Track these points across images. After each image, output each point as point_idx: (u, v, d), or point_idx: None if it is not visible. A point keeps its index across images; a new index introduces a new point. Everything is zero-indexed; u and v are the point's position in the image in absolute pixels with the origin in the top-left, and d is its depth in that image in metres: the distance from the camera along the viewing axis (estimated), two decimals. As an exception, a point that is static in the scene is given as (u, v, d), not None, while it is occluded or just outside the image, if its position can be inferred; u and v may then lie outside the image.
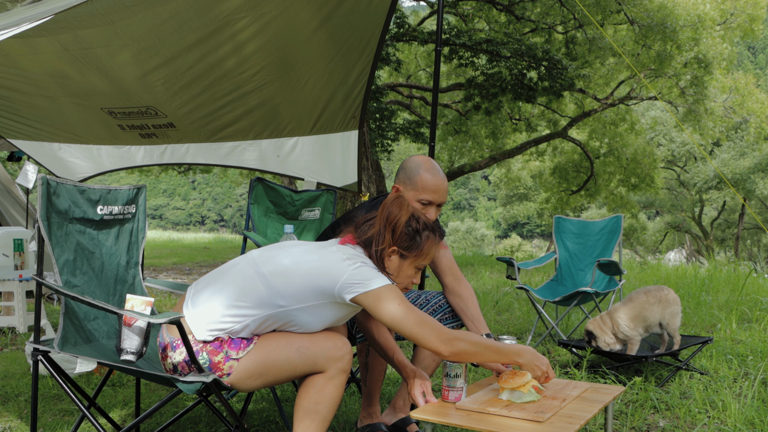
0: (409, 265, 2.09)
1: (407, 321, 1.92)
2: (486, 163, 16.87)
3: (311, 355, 1.97)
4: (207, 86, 3.87)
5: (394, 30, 11.46)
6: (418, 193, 2.40)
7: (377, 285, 1.93)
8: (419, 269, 2.11)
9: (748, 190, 21.85)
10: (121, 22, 3.22)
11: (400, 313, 1.91)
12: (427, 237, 2.08)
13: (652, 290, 3.60)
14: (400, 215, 2.05)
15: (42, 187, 2.26)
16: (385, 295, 1.93)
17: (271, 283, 1.98)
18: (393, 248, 2.05)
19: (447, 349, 1.93)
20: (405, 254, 2.06)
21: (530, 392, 1.98)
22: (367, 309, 1.95)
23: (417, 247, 2.06)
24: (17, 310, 4.68)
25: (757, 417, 2.79)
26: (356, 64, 3.76)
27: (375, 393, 2.47)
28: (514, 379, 1.99)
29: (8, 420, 2.88)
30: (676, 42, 12.74)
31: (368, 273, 1.95)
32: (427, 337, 1.92)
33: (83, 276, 2.41)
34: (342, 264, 1.96)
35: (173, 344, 2.02)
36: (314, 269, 1.98)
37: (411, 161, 2.47)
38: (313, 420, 1.98)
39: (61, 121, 4.59)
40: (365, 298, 1.93)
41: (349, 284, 1.93)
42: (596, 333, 3.53)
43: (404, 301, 1.94)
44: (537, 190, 26.39)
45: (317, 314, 2.00)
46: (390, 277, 2.06)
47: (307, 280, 1.97)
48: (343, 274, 1.94)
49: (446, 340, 1.93)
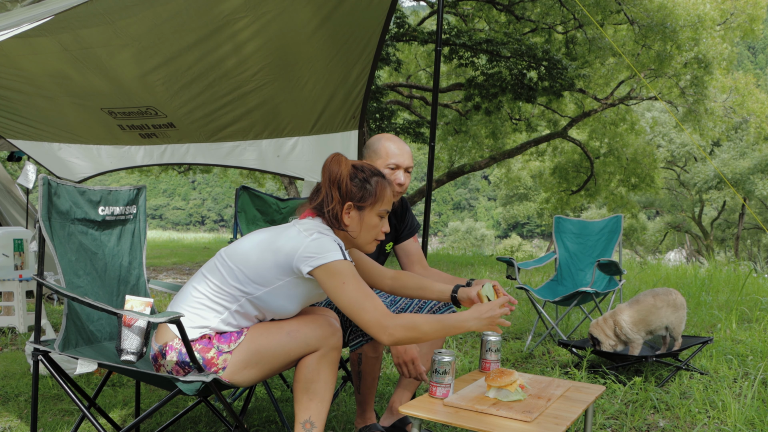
0: (370, 214, 2.07)
1: (354, 301, 1.90)
2: (486, 163, 16.87)
3: (302, 337, 1.99)
4: (207, 86, 3.88)
5: (394, 30, 11.46)
6: (385, 160, 2.53)
7: (331, 259, 1.91)
8: (382, 217, 2.10)
9: (748, 190, 21.85)
10: (121, 21, 3.22)
11: (348, 292, 1.90)
12: (377, 182, 2.08)
13: (660, 293, 3.56)
14: (340, 171, 2.03)
15: (43, 187, 2.26)
16: (339, 271, 1.91)
17: (234, 271, 2.00)
18: (348, 204, 2.04)
19: (387, 339, 1.90)
20: (361, 205, 2.05)
21: (517, 391, 1.99)
22: (320, 284, 1.94)
23: (370, 194, 2.06)
24: (17, 310, 4.68)
25: (757, 417, 2.79)
26: (356, 64, 3.76)
27: (369, 400, 2.49)
28: (501, 377, 2.00)
29: (8, 420, 2.88)
30: (676, 42, 12.74)
31: (325, 245, 1.93)
32: (367, 321, 1.90)
33: (87, 277, 2.41)
34: (298, 237, 1.96)
35: (162, 351, 2.03)
36: (271, 246, 1.99)
37: (373, 138, 2.62)
38: (311, 399, 2.00)
39: (61, 121, 4.59)
40: (320, 272, 1.91)
41: (305, 256, 1.92)
42: (600, 338, 3.52)
43: (356, 280, 1.91)
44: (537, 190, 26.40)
45: (286, 295, 2.01)
46: (355, 238, 2.07)
47: (266, 258, 1.98)
48: (300, 246, 1.93)
49: (385, 327, 1.89)
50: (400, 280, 2.34)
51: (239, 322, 2.03)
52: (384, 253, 2.76)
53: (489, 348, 2.37)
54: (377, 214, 2.08)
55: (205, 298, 2.02)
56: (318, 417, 2.01)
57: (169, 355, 2.01)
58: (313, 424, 2.00)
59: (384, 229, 2.12)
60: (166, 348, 2.02)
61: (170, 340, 2.02)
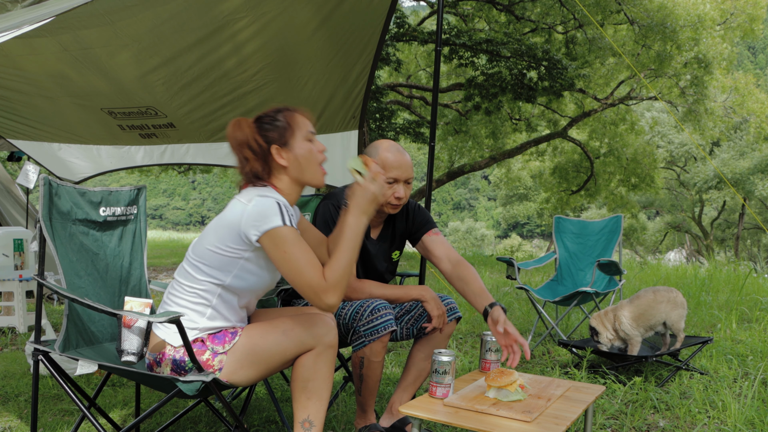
0: (298, 144, 2.04)
1: (293, 267, 1.88)
2: (486, 163, 16.87)
3: (297, 336, 1.98)
4: (207, 86, 3.88)
5: (394, 30, 11.46)
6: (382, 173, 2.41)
7: (273, 225, 1.89)
8: (311, 139, 2.07)
9: (748, 190, 21.85)
10: (121, 22, 3.22)
11: (289, 259, 1.88)
12: (284, 115, 2.05)
13: (660, 290, 3.59)
14: (244, 132, 2.03)
15: (44, 187, 2.27)
16: (281, 238, 1.89)
17: (199, 266, 2.01)
18: (274, 148, 2.02)
19: (324, 306, 1.89)
20: (284, 141, 2.03)
21: (517, 391, 1.99)
22: (265, 251, 1.93)
23: (285, 128, 2.03)
24: (17, 310, 4.68)
25: (757, 417, 2.79)
26: (356, 64, 3.76)
27: (369, 403, 2.48)
28: (501, 377, 2.00)
29: (8, 420, 2.88)
30: (676, 42, 12.74)
31: (265, 209, 1.90)
32: (304, 287, 1.88)
33: (88, 277, 2.41)
34: (239, 206, 1.95)
35: (157, 359, 2.03)
36: (219, 226, 1.99)
37: (371, 146, 2.49)
38: (309, 398, 2.00)
39: (61, 121, 4.59)
40: (264, 239, 1.90)
41: (250, 223, 1.91)
42: (598, 329, 3.54)
43: (298, 247, 1.89)
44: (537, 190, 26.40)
45: (255, 269, 2.01)
46: (300, 175, 2.04)
47: (219, 240, 1.98)
48: (243, 214, 1.92)
49: (318, 294, 1.87)
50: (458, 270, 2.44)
51: (226, 314, 2.04)
52: (392, 262, 2.71)
53: (489, 348, 2.37)
54: (304, 138, 2.06)
55: (184, 302, 2.03)
56: (317, 415, 2.01)
57: (164, 362, 2.01)
58: (311, 422, 2.00)
59: (319, 149, 2.09)
60: (161, 356, 2.02)
61: (164, 347, 2.03)
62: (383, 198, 2.41)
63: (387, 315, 2.32)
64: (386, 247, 2.65)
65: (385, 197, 2.43)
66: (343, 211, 2.01)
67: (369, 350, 2.33)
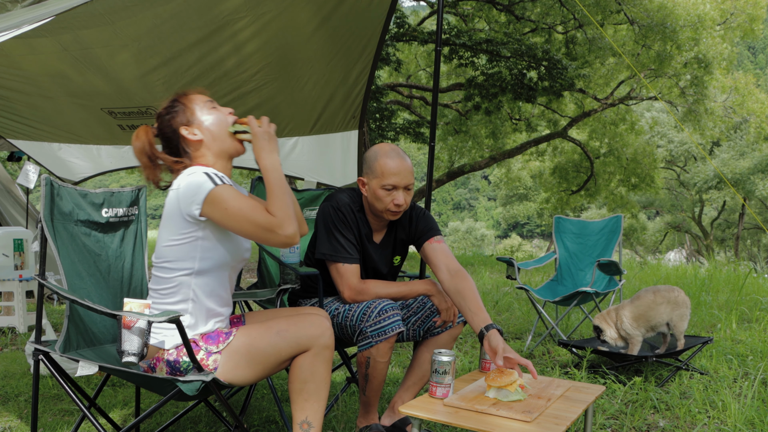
0: (202, 114, 2.09)
1: (242, 218, 1.92)
2: (486, 163, 16.88)
3: (292, 336, 1.99)
4: (207, 86, 3.87)
5: (394, 30, 11.46)
6: (381, 180, 2.38)
7: (206, 191, 1.92)
8: (210, 106, 2.11)
9: (748, 190, 21.85)
10: (121, 22, 3.22)
11: (234, 213, 1.92)
12: (178, 100, 2.11)
13: (661, 290, 3.58)
14: (139, 140, 2.09)
15: (45, 188, 2.26)
16: (217, 198, 1.92)
17: (164, 268, 2.04)
18: (182, 128, 2.07)
19: (282, 238, 1.93)
20: (189, 119, 2.08)
21: (517, 391, 1.99)
22: (212, 219, 1.96)
23: (183, 108, 2.09)
24: (17, 310, 4.68)
25: (757, 417, 2.78)
26: (356, 64, 3.76)
27: (373, 403, 2.48)
28: (501, 377, 2.00)
29: (8, 420, 2.88)
30: (676, 42, 12.74)
31: (194, 182, 1.94)
32: (260, 231, 1.93)
33: (90, 278, 2.41)
34: (173, 193, 2.00)
35: (152, 365, 2.04)
36: (165, 219, 2.03)
37: (370, 151, 2.46)
38: (306, 399, 2.00)
39: (61, 121, 4.59)
40: (206, 208, 1.93)
41: (187, 201, 1.94)
42: (602, 327, 3.55)
43: (237, 200, 1.93)
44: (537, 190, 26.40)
45: (217, 244, 2.02)
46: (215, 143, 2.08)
47: (169, 231, 2.01)
48: (178, 198, 1.97)
49: (273, 229, 1.91)
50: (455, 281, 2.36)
51: (208, 303, 2.05)
52: (393, 267, 2.70)
53: (489, 348, 2.36)
54: (207, 110, 2.10)
55: (166, 305, 2.04)
56: (315, 417, 2.01)
57: (158, 366, 2.02)
58: (310, 424, 2.00)
59: (223, 112, 2.13)
60: (155, 362, 2.03)
61: (156, 353, 2.03)
62: (381, 205, 2.39)
63: (395, 316, 2.31)
64: (389, 252, 2.64)
65: (384, 204, 2.41)
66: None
67: (376, 351, 2.32)
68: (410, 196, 2.45)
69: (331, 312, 2.48)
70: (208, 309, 2.05)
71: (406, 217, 2.62)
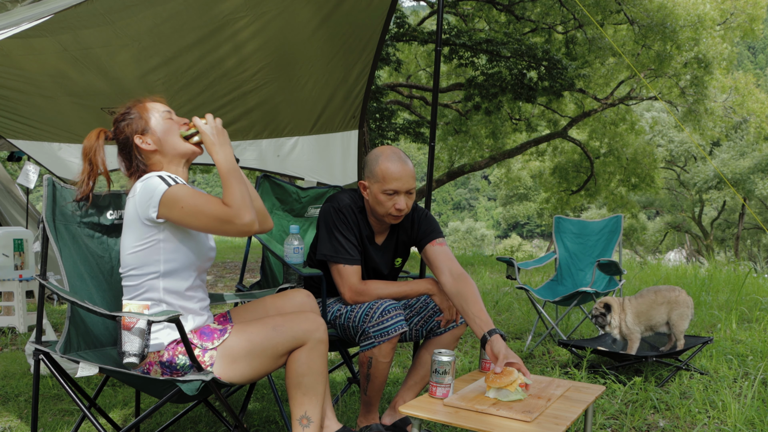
0: (156, 123, 2.11)
1: (200, 213, 1.93)
2: (486, 163, 16.88)
3: (288, 330, 2.00)
4: (207, 86, 3.87)
5: (394, 30, 11.46)
6: (382, 185, 2.37)
7: (160, 193, 1.94)
8: (166, 117, 2.13)
9: (748, 190, 21.85)
10: (121, 22, 3.22)
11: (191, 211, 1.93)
12: (134, 107, 2.14)
13: (662, 290, 3.60)
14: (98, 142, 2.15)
15: (47, 188, 2.26)
16: (172, 198, 1.94)
17: (127, 274, 2.06)
18: (136, 137, 2.10)
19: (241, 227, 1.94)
20: (141, 129, 2.11)
21: (517, 391, 1.99)
22: (171, 220, 1.97)
23: (139, 116, 2.12)
24: (17, 310, 4.68)
25: (757, 417, 2.78)
26: (356, 64, 3.76)
27: (374, 402, 2.48)
28: (501, 378, 2.00)
29: (8, 420, 2.88)
30: (676, 42, 12.74)
31: (148, 186, 1.97)
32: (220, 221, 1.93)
33: (92, 280, 2.40)
34: (131, 201, 2.03)
35: (145, 371, 2.05)
36: (125, 228, 2.06)
37: (371, 154, 2.44)
38: (304, 394, 2.01)
39: (61, 121, 4.59)
40: (162, 211, 1.95)
41: (144, 206, 1.96)
42: (613, 306, 3.52)
43: (192, 197, 1.95)
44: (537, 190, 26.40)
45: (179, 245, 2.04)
46: (169, 151, 2.10)
47: (130, 239, 2.03)
48: (136, 204, 1.99)
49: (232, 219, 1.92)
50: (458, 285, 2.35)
51: (180, 302, 2.06)
52: (394, 269, 2.70)
53: (489, 348, 2.36)
54: (162, 119, 2.12)
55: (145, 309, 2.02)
56: (314, 411, 2.01)
57: (152, 370, 2.02)
58: (309, 419, 2.00)
59: (178, 121, 2.14)
60: (147, 366, 2.03)
61: (150, 357, 2.03)
62: (382, 209, 2.39)
63: (398, 316, 2.31)
64: (389, 255, 2.64)
65: (385, 208, 2.40)
66: None
67: (378, 351, 2.32)
68: (412, 200, 2.43)
69: (334, 313, 2.48)
70: (182, 307, 2.06)
71: (408, 218, 2.61)
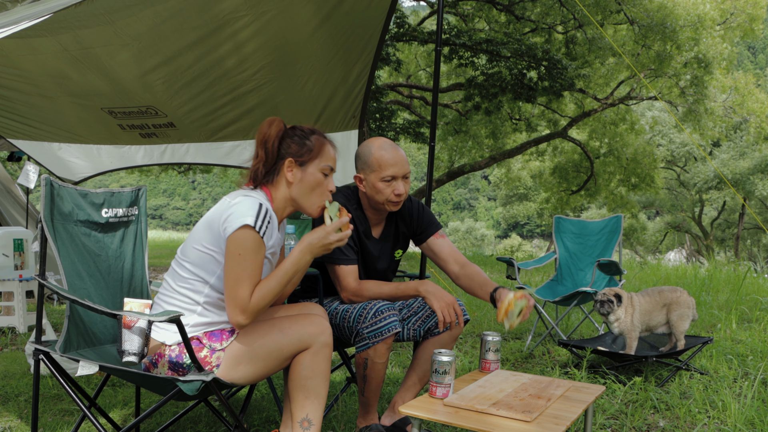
0: (313, 170, 2.08)
1: (235, 275, 1.91)
2: (486, 163, 16.88)
3: (294, 333, 2.00)
4: (207, 85, 3.87)
5: (394, 30, 11.46)
6: (379, 173, 2.41)
7: (243, 222, 1.90)
8: (326, 173, 2.11)
9: (748, 190, 21.85)
10: (121, 21, 3.22)
11: (235, 264, 1.91)
12: (316, 139, 2.11)
13: (665, 291, 3.62)
14: (269, 131, 2.07)
15: (45, 188, 2.26)
16: (241, 240, 1.91)
17: (185, 265, 2.03)
18: (289, 160, 2.06)
19: (234, 322, 1.93)
20: (303, 161, 2.07)
21: (517, 304, 2.20)
22: (224, 251, 1.95)
23: (309, 150, 2.08)
24: (17, 310, 4.68)
25: (757, 417, 2.78)
26: (356, 64, 3.75)
27: (372, 403, 2.48)
28: (500, 311, 2.26)
29: (8, 420, 2.88)
30: (676, 42, 12.74)
31: (242, 209, 1.93)
32: (230, 298, 1.92)
33: (90, 279, 2.41)
34: (225, 204, 1.99)
35: (153, 361, 2.04)
36: (204, 221, 2.03)
37: (363, 147, 2.49)
38: (307, 396, 2.00)
39: (61, 121, 4.59)
40: (230, 238, 1.92)
41: (226, 222, 1.94)
42: (624, 299, 3.52)
43: (251, 257, 1.91)
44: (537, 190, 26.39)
45: None
46: (299, 198, 2.07)
47: (201, 236, 2.00)
48: (223, 212, 1.97)
49: (241, 309, 1.91)
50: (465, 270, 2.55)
51: (215, 312, 2.04)
52: (394, 261, 2.71)
53: (489, 348, 2.37)
54: (320, 170, 2.09)
55: (174, 300, 2.04)
56: (315, 414, 2.01)
57: (160, 362, 2.02)
58: (310, 421, 2.00)
59: (330, 188, 2.12)
60: (156, 357, 2.03)
61: (159, 348, 2.03)
62: (381, 197, 2.41)
63: (391, 317, 2.31)
64: (389, 246, 2.65)
65: (385, 195, 2.43)
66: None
67: (373, 352, 2.32)
68: (408, 185, 2.49)
69: (330, 312, 2.49)
70: (213, 319, 2.05)
71: (406, 210, 2.64)
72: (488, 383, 2.17)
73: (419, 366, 2.55)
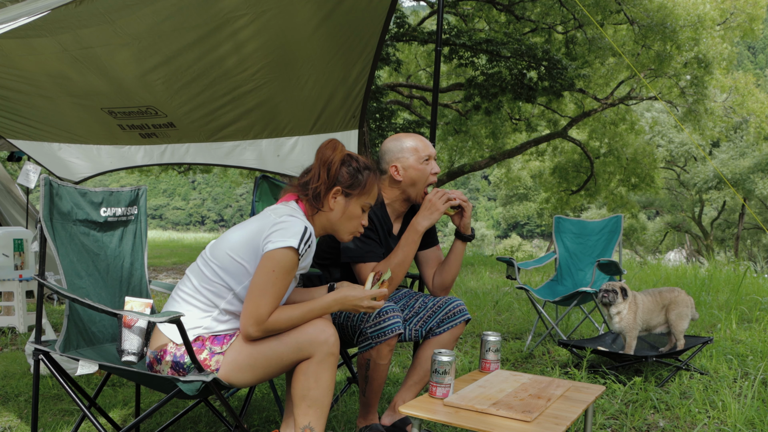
0: (355, 204, 2.13)
1: (260, 288, 1.92)
2: (486, 163, 16.87)
3: (295, 342, 1.97)
4: (207, 85, 3.87)
5: (394, 30, 11.46)
6: (418, 155, 2.57)
7: (287, 244, 1.91)
8: (365, 210, 2.16)
9: (747, 190, 21.85)
10: (121, 20, 3.22)
11: (264, 279, 1.92)
12: (368, 174, 2.14)
13: (664, 291, 3.63)
14: (333, 156, 2.11)
15: (45, 188, 2.26)
16: (279, 258, 1.92)
17: (213, 268, 2.02)
18: (336, 188, 2.10)
19: (244, 334, 1.95)
20: (349, 192, 2.11)
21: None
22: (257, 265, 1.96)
23: (360, 184, 2.12)
24: (17, 310, 4.68)
25: (757, 417, 2.78)
26: (356, 64, 3.75)
27: (373, 404, 2.48)
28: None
29: (8, 420, 2.88)
30: (676, 42, 12.74)
31: (289, 229, 1.94)
32: (250, 311, 1.92)
33: (89, 278, 2.41)
34: (267, 219, 2.00)
35: (158, 356, 2.03)
36: (244, 230, 2.03)
37: (390, 141, 2.62)
38: (309, 406, 1.99)
39: (61, 121, 4.58)
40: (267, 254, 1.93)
41: (271, 236, 1.94)
42: (629, 295, 3.52)
43: (282, 276, 1.93)
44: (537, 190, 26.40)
45: None
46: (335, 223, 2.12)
47: (237, 244, 2.01)
48: (266, 227, 1.97)
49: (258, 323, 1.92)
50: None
51: (231, 318, 2.04)
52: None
53: (489, 348, 2.37)
54: (361, 205, 2.14)
55: (192, 299, 2.03)
56: (317, 422, 2.00)
57: (164, 359, 2.01)
58: (312, 429, 1.99)
59: (364, 222, 2.17)
60: (161, 353, 2.02)
61: (165, 345, 2.02)
62: (422, 178, 2.57)
63: (395, 318, 2.32)
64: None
65: (425, 176, 2.58)
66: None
67: (375, 352, 2.32)
68: None
69: (334, 312, 2.49)
70: (229, 322, 2.05)
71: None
72: (488, 383, 2.17)
73: (419, 366, 2.55)
